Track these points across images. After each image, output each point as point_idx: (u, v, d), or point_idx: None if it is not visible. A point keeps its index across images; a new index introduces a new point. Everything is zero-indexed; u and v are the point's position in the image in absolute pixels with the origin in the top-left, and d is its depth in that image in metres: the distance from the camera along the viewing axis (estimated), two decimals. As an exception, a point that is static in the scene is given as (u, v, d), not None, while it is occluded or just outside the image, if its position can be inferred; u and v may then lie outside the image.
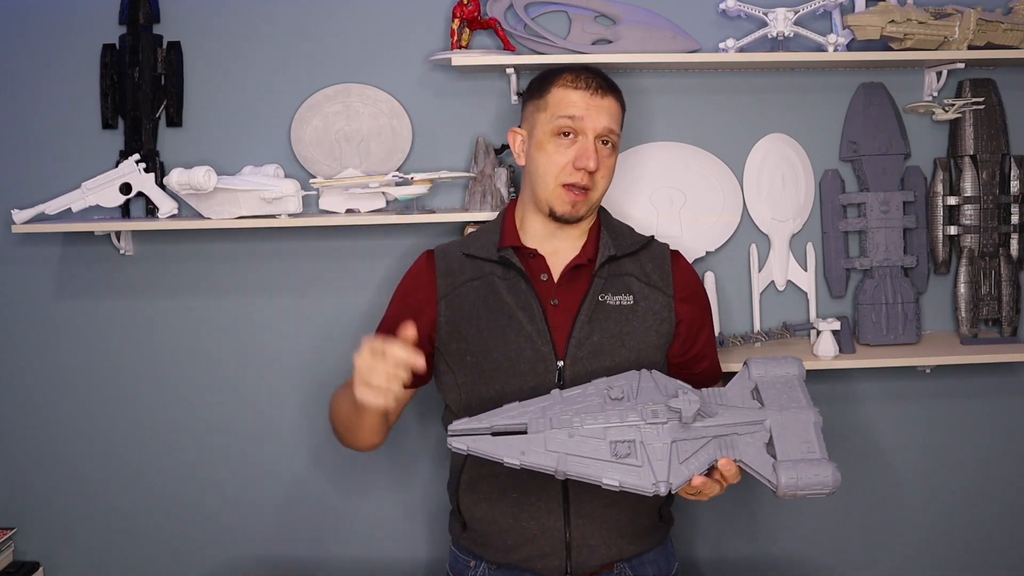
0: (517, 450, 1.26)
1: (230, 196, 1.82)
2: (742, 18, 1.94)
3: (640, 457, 1.25)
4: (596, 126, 1.53)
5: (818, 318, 1.97)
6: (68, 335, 2.02)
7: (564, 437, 1.26)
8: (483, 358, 1.53)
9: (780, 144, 1.98)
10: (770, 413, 1.28)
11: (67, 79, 1.96)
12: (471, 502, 1.57)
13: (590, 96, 1.54)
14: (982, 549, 2.11)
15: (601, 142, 1.54)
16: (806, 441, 1.25)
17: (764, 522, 2.09)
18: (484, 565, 1.59)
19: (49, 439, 2.04)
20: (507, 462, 1.27)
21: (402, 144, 1.95)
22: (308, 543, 2.07)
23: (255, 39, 1.96)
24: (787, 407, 1.28)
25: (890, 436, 2.07)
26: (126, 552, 2.07)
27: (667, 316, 1.56)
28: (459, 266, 1.59)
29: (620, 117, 1.60)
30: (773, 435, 1.26)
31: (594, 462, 1.25)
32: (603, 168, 1.55)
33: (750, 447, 1.27)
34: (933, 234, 1.99)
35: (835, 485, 1.23)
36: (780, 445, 1.25)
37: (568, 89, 1.54)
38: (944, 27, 1.85)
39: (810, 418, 1.28)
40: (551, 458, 1.25)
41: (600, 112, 1.53)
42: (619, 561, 1.56)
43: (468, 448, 1.28)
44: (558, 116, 1.53)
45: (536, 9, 1.94)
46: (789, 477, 1.21)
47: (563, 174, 1.53)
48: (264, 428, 2.04)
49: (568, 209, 1.54)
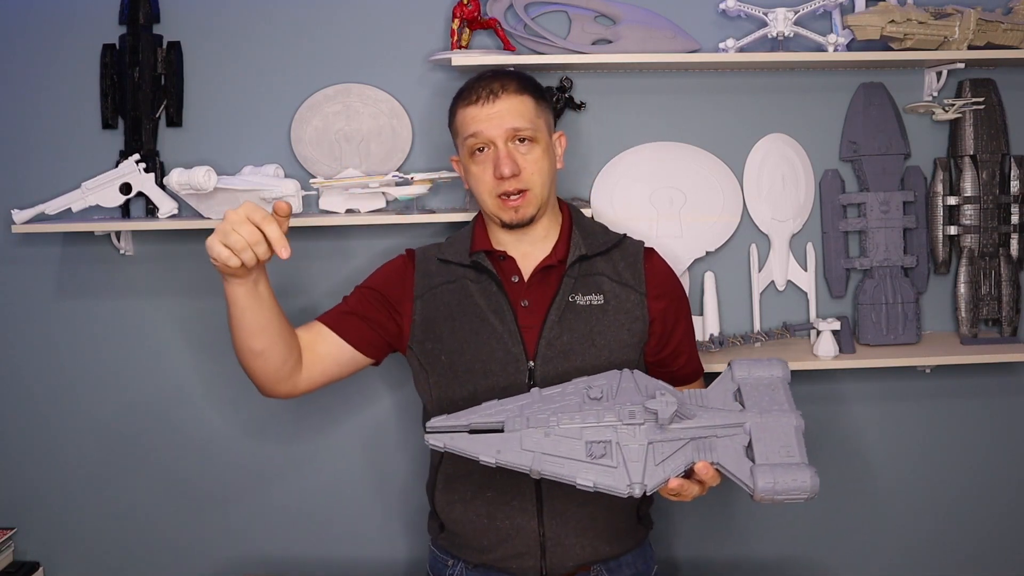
0: (493, 448, 1.26)
1: (230, 196, 1.82)
2: (742, 18, 1.94)
3: (615, 458, 1.24)
4: (500, 132, 1.52)
5: (818, 318, 1.97)
6: (68, 335, 2.02)
7: (540, 436, 1.25)
8: (456, 358, 1.54)
9: (780, 144, 1.98)
10: (750, 416, 1.26)
11: (67, 79, 1.96)
12: (446, 502, 1.58)
13: (481, 107, 1.53)
14: (982, 549, 2.11)
15: (517, 141, 1.53)
16: (786, 445, 1.23)
17: (747, 524, 2.09)
18: (461, 565, 1.60)
19: (49, 439, 2.04)
20: (483, 460, 1.26)
21: (402, 144, 1.95)
22: (301, 544, 2.07)
23: (255, 39, 1.96)
24: (768, 410, 1.26)
25: (890, 436, 2.07)
26: (126, 552, 2.07)
27: (640, 314, 1.56)
28: (435, 269, 1.61)
29: (531, 109, 1.54)
30: (752, 438, 1.24)
31: (569, 462, 1.24)
32: (528, 164, 1.53)
33: (728, 450, 1.25)
34: (933, 234, 1.99)
35: (813, 491, 1.21)
36: (759, 448, 1.23)
37: (465, 108, 1.55)
38: (944, 27, 1.85)
39: (791, 422, 1.26)
40: (526, 457, 1.25)
41: (494, 118, 1.52)
42: (595, 562, 1.56)
43: (445, 445, 1.27)
44: (465, 138, 1.55)
45: (536, 9, 1.94)
46: (766, 482, 1.20)
47: (492, 189, 1.54)
48: (264, 428, 2.04)
49: (513, 215, 1.54)
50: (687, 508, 2.05)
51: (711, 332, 1.96)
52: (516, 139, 1.53)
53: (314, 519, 2.07)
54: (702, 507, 2.03)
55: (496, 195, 1.54)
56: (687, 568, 2.08)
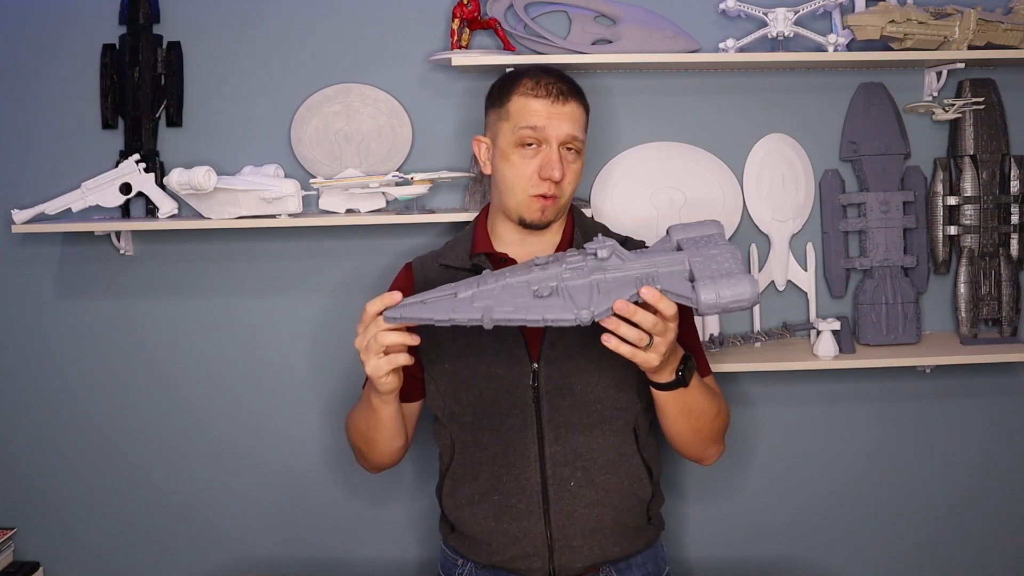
0: (447, 310, 1.28)
1: (230, 196, 1.82)
2: (742, 18, 1.94)
3: (563, 295, 1.27)
4: (559, 134, 1.52)
5: (818, 318, 1.97)
6: (68, 335, 2.02)
7: (490, 292, 1.29)
8: (460, 365, 1.54)
9: (780, 144, 1.98)
10: (689, 253, 1.29)
11: (67, 79, 1.96)
12: (454, 505, 1.59)
13: (551, 104, 1.52)
14: (982, 549, 2.11)
15: (565, 148, 1.54)
16: (724, 265, 1.26)
17: (759, 524, 2.08)
18: (471, 565, 1.60)
19: (49, 439, 2.04)
20: (437, 321, 1.28)
21: (402, 144, 1.95)
22: (307, 544, 2.07)
23: (255, 39, 1.96)
24: (705, 247, 1.30)
25: (890, 436, 2.07)
26: (126, 552, 2.07)
27: None
28: (436, 276, 1.60)
29: (584, 121, 1.58)
30: (692, 268, 1.27)
31: (518, 305, 1.27)
32: (569, 175, 1.54)
33: (671, 279, 1.27)
34: (933, 234, 1.99)
35: (754, 295, 1.23)
36: (699, 271, 1.26)
37: (529, 97, 1.53)
38: (944, 27, 1.85)
39: (728, 249, 1.29)
40: (477, 311, 1.27)
41: (562, 120, 1.52)
42: (604, 563, 1.56)
43: (400, 316, 1.29)
44: (520, 127, 1.52)
45: (536, 9, 1.94)
46: (708, 294, 1.22)
47: (530, 185, 1.53)
48: (263, 428, 2.04)
49: (538, 216, 1.54)
50: (699, 509, 2.06)
51: (711, 332, 1.96)
52: (567, 147, 1.54)
53: (324, 520, 2.06)
54: (715, 508, 2.05)
55: (532, 193, 1.53)
56: (700, 569, 2.08)
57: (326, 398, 2.02)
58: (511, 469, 1.53)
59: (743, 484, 2.07)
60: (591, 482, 1.52)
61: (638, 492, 1.56)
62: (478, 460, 1.55)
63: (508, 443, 1.52)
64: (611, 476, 1.54)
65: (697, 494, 2.06)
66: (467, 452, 1.56)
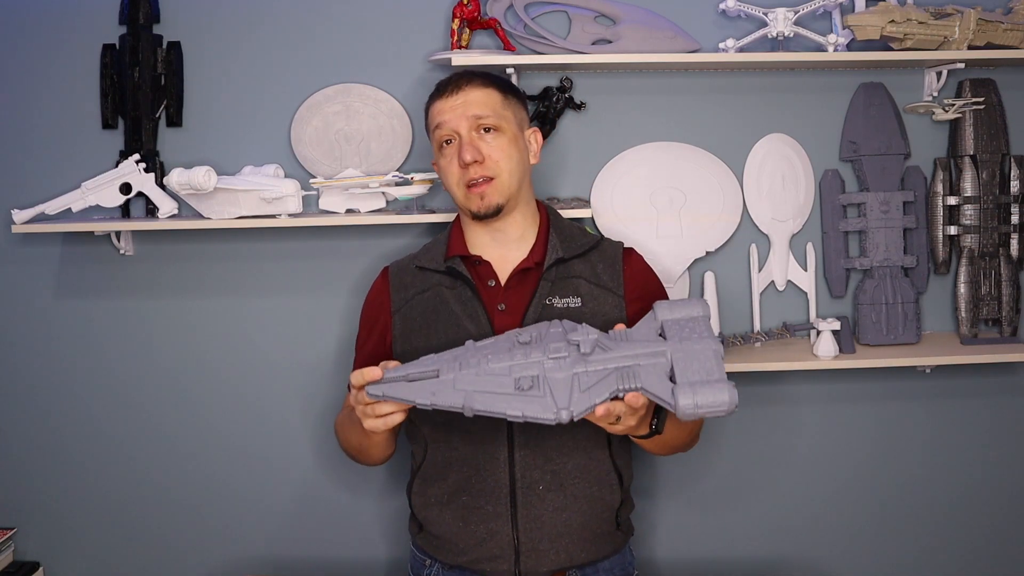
0: (428, 392, 1.30)
1: (230, 196, 1.82)
2: (742, 18, 1.94)
3: (543, 389, 1.28)
4: (461, 122, 1.54)
5: (818, 318, 1.97)
6: (68, 335, 2.02)
7: (472, 376, 1.30)
8: None
9: (780, 144, 1.98)
10: (671, 344, 1.30)
11: (67, 79, 1.96)
12: (423, 504, 1.59)
13: (447, 99, 1.56)
14: (982, 549, 2.11)
15: (482, 130, 1.55)
16: (705, 366, 1.27)
17: (759, 525, 2.08)
18: (438, 566, 1.60)
19: (49, 439, 2.04)
20: (419, 403, 1.30)
21: (402, 144, 1.96)
22: (305, 543, 2.07)
23: (255, 39, 1.96)
24: (688, 338, 1.30)
25: (890, 436, 2.07)
26: (126, 552, 2.07)
27: (618, 317, 1.55)
28: (411, 279, 1.62)
29: (493, 100, 1.57)
30: (674, 364, 1.28)
31: (499, 397, 1.28)
32: (493, 152, 1.54)
33: (651, 375, 1.28)
34: (933, 234, 1.99)
35: (732, 404, 1.24)
36: (680, 370, 1.27)
37: (434, 102, 1.59)
38: (944, 27, 1.85)
39: (711, 346, 1.29)
40: (459, 396, 1.29)
41: (458, 108, 1.55)
42: (571, 568, 1.56)
43: (384, 394, 1.31)
44: (433, 130, 1.59)
45: (536, 9, 1.94)
46: (687, 399, 1.23)
47: (459, 178, 1.55)
48: (263, 428, 2.04)
49: (480, 203, 1.54)
50: (669, 514, 2.06)
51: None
52: (481, 128, 1.55)
53: (306, 519, 2.07)
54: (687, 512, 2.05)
55: (463, 184, 1.55)
56: (668, 572, 2.07)
57: (326, 398, 2.02)
58: (480, 471, 1.53)
59: (744, 484, 2.07)
60: (560, 487, 1.52)
61: (607, 498, 1.56)
62: (448, 460, 1.55)
63: (478, 445, 1.53)
64: (581, 482, 1.54)
65: (692, 495, 2.06)
66: (438, 452, 1.56)
